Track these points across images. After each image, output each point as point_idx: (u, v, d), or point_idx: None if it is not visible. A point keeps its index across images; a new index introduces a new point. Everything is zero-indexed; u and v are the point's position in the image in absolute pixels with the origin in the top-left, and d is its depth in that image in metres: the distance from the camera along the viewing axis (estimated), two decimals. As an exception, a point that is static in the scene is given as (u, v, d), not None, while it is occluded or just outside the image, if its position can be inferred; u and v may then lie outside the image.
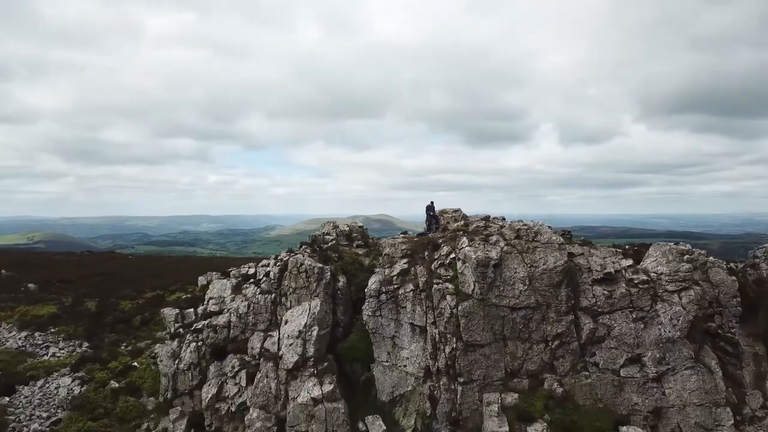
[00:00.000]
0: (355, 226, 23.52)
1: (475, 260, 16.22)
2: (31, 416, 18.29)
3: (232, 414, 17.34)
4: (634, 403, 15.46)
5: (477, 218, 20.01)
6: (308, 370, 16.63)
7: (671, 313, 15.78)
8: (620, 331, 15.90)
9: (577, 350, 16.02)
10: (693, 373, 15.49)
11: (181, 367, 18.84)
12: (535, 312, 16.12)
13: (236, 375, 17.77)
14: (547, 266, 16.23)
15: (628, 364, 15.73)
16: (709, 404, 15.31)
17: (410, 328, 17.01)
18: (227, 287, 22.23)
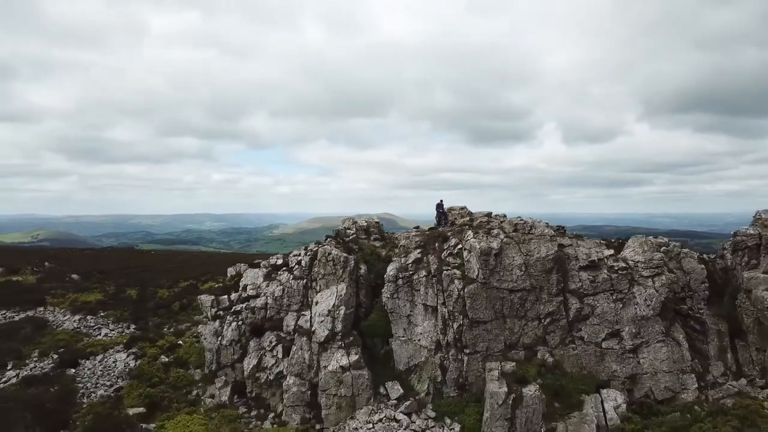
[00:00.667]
0: (372, 222, 26.33)
1: (479, 250, 18.99)
2: (96, 384, 21.16)
3: (271, 382, 20.19)
4: (614, 370, 18.21)
5: (480, 214, 22.79)
6: (337, 343, 19.47)
7: (645, 294, 18.52)
8: (602, 310, 18.65)
9: (565, 326, 18.78)
10: (663, 345, 18.22)
11: (224, 344, 21.70)
12: (530, 294, 18.89)
13: (273, 349, 20.63)
14: (540, 255, 19.00)
15: (609, 338, 18.48)
16: (676, 371, 18.04)
17: (423, 308, 19.82)
18: (259, 275, 25.13)
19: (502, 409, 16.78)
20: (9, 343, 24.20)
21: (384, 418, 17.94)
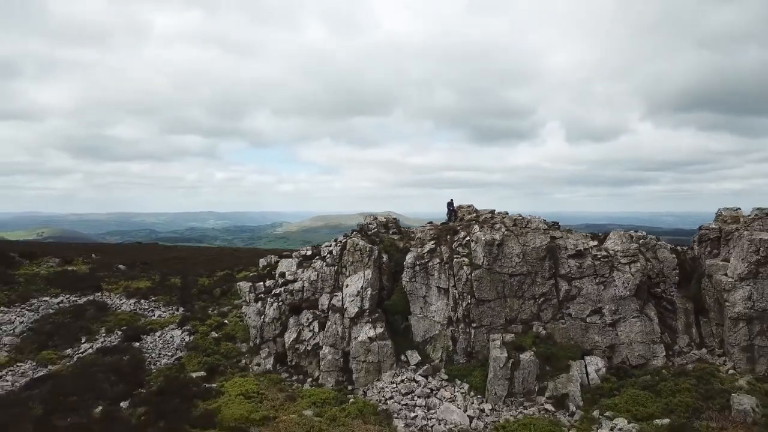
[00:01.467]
0: (390, 218, 29.99)
1: (484, 241, 22.58)
2: (159, 354, 24.88)
3: (308, 352, 23.84)
4: (596, 341, 21.76)
5: (485, 211, 26.35)
6: (365, 319, 23.10)
7: (623, 278, 22.06)
8: (587, 291, 22.21)
9: (556, 305, 22.35)
10: (638, 320, 21.76)
11: (266, 321, 25.35)
12: (526, 278, 22.47)
13: (310, 324, 24.28)
14: (535, 245, 22.57)
15: (592, 314, 22.03)
16: (648, 342, 21.57)
17: (437, 290, 23.44)
18: (293, 264, 28.83)
19: (503, 371, 20.36)
20: (79, 322, 28.03)
21: (405, 379, 21.57)
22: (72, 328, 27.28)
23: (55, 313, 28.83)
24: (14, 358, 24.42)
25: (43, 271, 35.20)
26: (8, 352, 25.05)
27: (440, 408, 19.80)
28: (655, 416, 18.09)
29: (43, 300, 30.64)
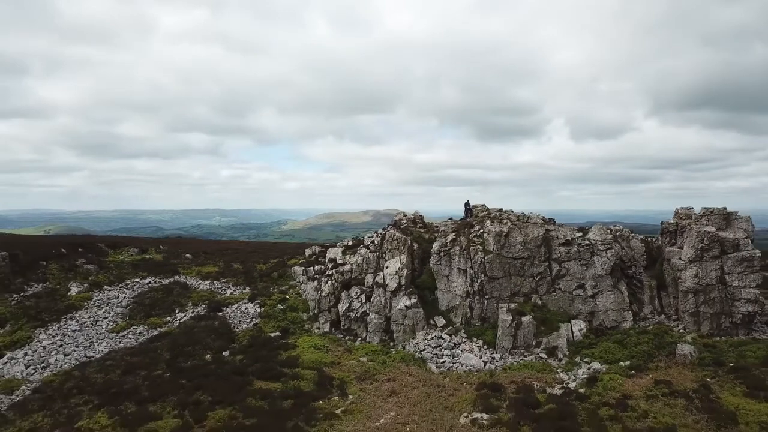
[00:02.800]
0: (417, 215, 36.50)
1: (494, 233, 29.00)
2: (240, 321, 31.47)
3: (357, 318, 30.36)
4: (580, 309, 28.11)
5: (495, 210, 32.74)
6: (402, 292, 29.60)
7: (601, 261, 28.39)
8: (573, 271, 28.56)
9: (549, 281, 28.73)
10: (612, 293, 28.07)
11: (323, 295, 31.89)
12: (526, 261, 28.86)
13: (358, 297, 30.81)
14: (534, 236, 28.96)
15: (577, 288, 28.39)
16: (620, 310, 27.88)
17: (457, 270, 29.90)
18: (338, 252, 35.47)
19: (509, 330, 26.78)
20: (170, 297, 34.70)
21: (434, 337, 28.07)
22: (166, 301, 34.00)
23: (148, 291, 35.55)
24: (129, 323, 31.18)
25: (127, 259, 41.95)
26: (123, 318, 31.81)
27: (462, 356, 26.29)
28: (620, 360, 24.46)
29: (134, 281, 37.39)
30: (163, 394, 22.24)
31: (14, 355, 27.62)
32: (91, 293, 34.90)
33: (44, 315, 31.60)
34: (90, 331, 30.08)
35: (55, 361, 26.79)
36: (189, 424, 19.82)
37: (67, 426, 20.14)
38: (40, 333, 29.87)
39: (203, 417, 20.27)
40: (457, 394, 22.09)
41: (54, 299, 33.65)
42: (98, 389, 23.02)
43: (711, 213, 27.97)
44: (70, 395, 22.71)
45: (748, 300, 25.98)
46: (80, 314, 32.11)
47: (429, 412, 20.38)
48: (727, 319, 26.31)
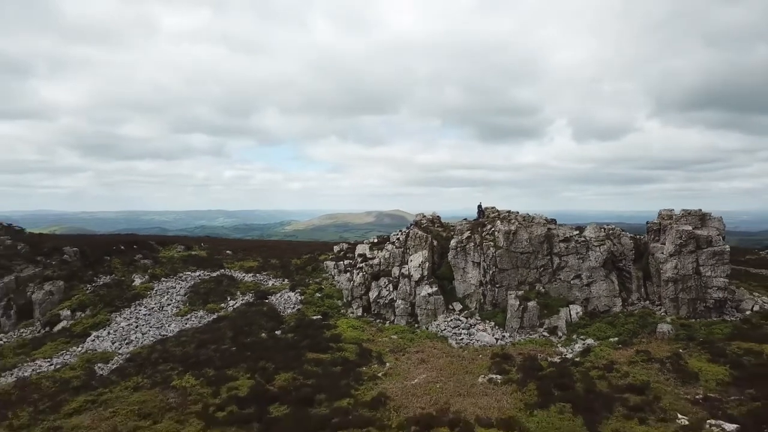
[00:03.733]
0: (435, 216, 41.21)
1: (503, 231, 33.63)
2: (285, 307, 36.19)
3: (386, 304, 35.04)
4: (577, 295, 32.68)
5: (504, 211, 37.34)
6: (424, 282, 34.28)
7: (595, 255, 32.96)
8: (571, 263, 33.15)
9: (551, 272, 33.34)
10: (604, 282, 32.63)
11: (355, 285, 36.59)
12: (531, 255, 33.47)
13: (387, 286, 35.49)
14: (537, 233, 33.58)
15: (575, 278, 32.97)
16: (610, 296, 32.44)
17: (472, 263, 34.55)
18: (366, 248, 40.23)
19: (517, 313, 31.41)
20: (220, 287, 39.50)
21: (453, 319, 32.74)
22: (218, 290, 38.81)
23: (201, 282, 40.38)
24: (190, 308, 35.99)
25: (176, 255, 46.80)
26: (183, 305, 36.64)
27: (477, 335, 30.96)
28: (610, 337, 29.03)
29: (186, 273, 42.24)
30: (233, 363, 27.04)
31: (99, 334, 32.52)
32: (151, 284, 39.76)
33: (116, 302, 36.49)
34: (158, 315, 34.94)
35: (135, 338, 31.66)
36: (261, 384, 24.59)
37: (163, 385, 24.99)
38: (116, 316, 34.76)
39: (271, 379, 25.05)
40: (475, 362, 26.78)
41: (122, 289, 38.57)
42: (179, 359, 27.85)
43: (689, 214, 32.51)
44: (157, 363, 27.56)
45: (719, 288, 30.47)
46: (146, 301, 36.97)
47: (453, 374, 25.08)
48: (701, 303, 30.80)
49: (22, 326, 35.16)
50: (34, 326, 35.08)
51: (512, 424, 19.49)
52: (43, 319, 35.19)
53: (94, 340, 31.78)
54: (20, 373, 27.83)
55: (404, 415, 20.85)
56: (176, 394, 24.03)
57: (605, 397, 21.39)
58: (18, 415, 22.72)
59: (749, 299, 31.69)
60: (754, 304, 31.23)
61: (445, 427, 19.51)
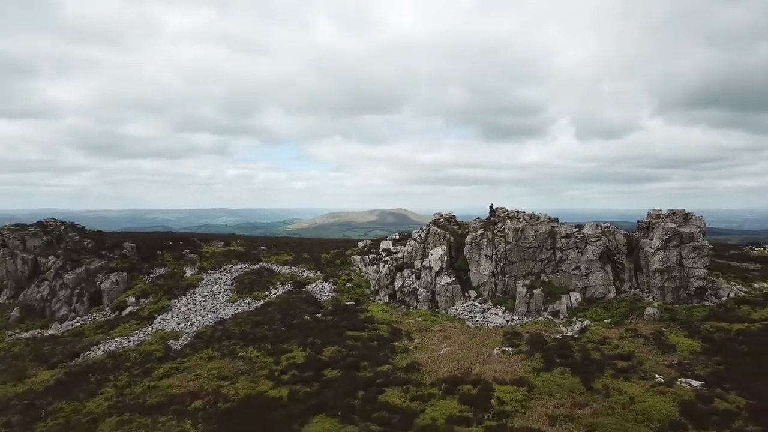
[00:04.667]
0: (451, 216, 45.88)
1: (512, 228, 38.28)
2: (320, 295, 40.92)
3: (409, 292, 39.74)
4: (576, 284, 37.26)
5: (513, 211, 41.93)
6: (444, 272, 38.97)
7: (592, 249, 37.54)
8: (572, 257, 37.74)
9: (554, 264, 37.95)
10: (600, 273, 37.20)
11: (381, 276, 41.31)
12: (537, 249, 38.10)
13: (410, 276, 40.20)
14: (542, 230, 38.20)
15: (575, 270, 37.57)
16: (606, 285, 37.01)
17: (485, 257, 39.22)
18: (389, 243, 44.99)
19: (524, 299, 36.04)
20: (262, 278, 44.34)
21: (468, 305, 37.41)
22: (260, 281, 43.64)
23: (243, 274, 45.21)
24: (239, 296, 40.82)
25: (217, 250, 51.66)
26: (232, 293, 41.48)
27: (490, 317, 35.64)
28: (604, 319, 33.59)
29: (229, 266, 47.11)
30: (286, 339, 31.85)
31: (164, 317, 37.39)
32: (200, 275, 44.67)
33: (174, 290, 41.40)
34: (212, 301, 39.80)
35: (196, 320, 36.51)
36: (313, 354, 29.39)
37: (231, 356, 29.82)
38: (176, 302, 39.65)
39: (320, 351, 29.83)
40: (489, 338, 31.48)
41: (176, 279, 43.49)
42: (239, 336, 32.68)
43: (674, 213, 37.06)
44: (221, 339, 32.41)
45: (699, 277, 34.98)
46: (199, 290, 41.86)
47: (472, 347, 29.79)
48: (684, 291, 35.32)
49: (93, 311, 40.08)
50: (104, 311, 40.01)
51: (522, 382, 24.19)
52: (112, 305, 40.11)
53: (161, 321, 36.65)
54: (106, 347, 32.75)
55: (435, 377, 25.58)
56: (244, 362, 28.88)
57: (598, 362, 26.04)
58: (118, 378, 27.62)
59: (726, 287, 36.18)
60: (730, 291, 35.71)
61: (469, 385, 24.22)
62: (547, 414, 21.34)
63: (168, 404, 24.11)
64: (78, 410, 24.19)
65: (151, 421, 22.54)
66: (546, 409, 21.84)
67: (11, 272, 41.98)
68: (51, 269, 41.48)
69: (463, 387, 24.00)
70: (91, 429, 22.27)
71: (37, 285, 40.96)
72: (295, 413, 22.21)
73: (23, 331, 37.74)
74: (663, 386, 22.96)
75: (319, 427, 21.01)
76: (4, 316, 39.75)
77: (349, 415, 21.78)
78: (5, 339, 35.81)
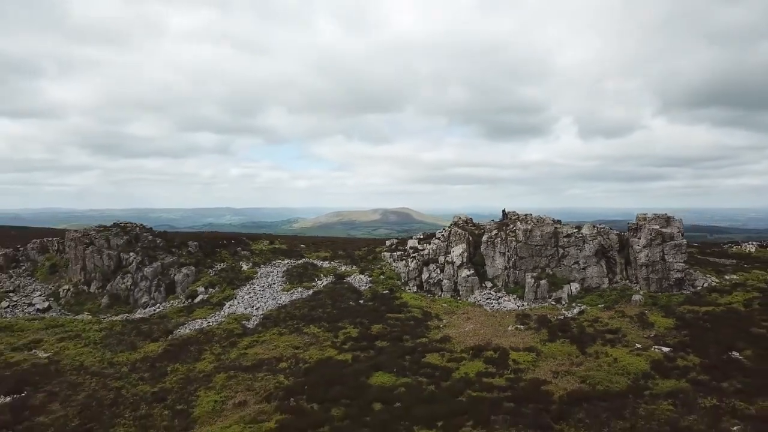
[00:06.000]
0: (468, 218, 52.61)
1: (522, 229, 44.95)
2: (359, 285, 47.72)
3: (435, 283, 46.48)
4: (576, 276, 43.84)
5: (522, 214, 48.59)
6: (464, 266, 45.70)
7: (589, 246, 44.11)
8: (572, 253, 44.34)
9: (557, 259, 44.57)
10: (596, 267, 43.75)
11: (410, 269, 48.08)
12: (543, 246, 44.74)
13: (435, 270, 46.96)
14: (547, 231, 44.83)
15: (574, 264, 44.17)
16: (600, 277, 43.57)
17: (499, 253, 45.92)
18: (415, 242, 51.82)
19: (532, 288, 42.71)
20: (307, 271, 51.23)
21: (485, 293, 44.11)
22: (306, 274, 50.51)
23: (291, 268, 52.12)
24: (292, 286, 47.72)
25: (264, 248, 58.64)
26: (285, 283, 48.39)
27: (503, 303, 42.34)
28: (598, 304, 40.19)
29: (277, 261, 54.05)
30: (338, 319, 38.69)
31: (231, 303, 44.34)
32: (255, 269, 51.64)
33: (235, 281, 48.40)
34: (269, 290, 46.74)
35: (260, 305, 43.44)
36: (363, 330, 36.21)
37: (297, 332, 36.70)
38: (239, 291, 46.62)
39: (369, 328, 36.64)
40: (504, 319, 38.19)
41: (235, 272, 50.49)
42: (299, 318, 39.57)
43: (658, 217, 43.60)
44: (285, 320, 39.30)
45: (678, 270, 41.47)
46: (257, 281, 48.84)
47: (490, 325, 36.52)
48: (665, 281, 41.83)
49: (170, 299, 47.13)
50: (179, 298, 47.05)
51: (532, 349, 30.91)
52: (185, 293, 47.16)
53: (229, 307, 43.61)
54: (191, 327, 39.73)
55: (463, 346, 32.35)
56: (309, 337, 35.78)
57: (591, 335, 32.72)
58: (212, 348, 34.58)
59: (702, 279, 42.68)
60: (704, 282, 42.21)
61: (490, 351, 30.98)
62: (551, 370, 28.06)
63: (260, 365, 31.03)
64: (191, 370, 31.16)
65: (252, 376, 29.47)
66: (550, 367, 28.56)
67: (99, 266, 49.11)
68: (133, 264, 48.59)
69: (486, 353, 30.77)
70: (207, 381, 29.21)
71: (121, 277, 48.09)
72: (360, 370, 29.05)
73: (113, 315, 44.85)
74: (640, 351, 29.64)
75: (381, 379, 27.84)
76: (96, 302, 46.90)
77: (402, 371, 28.61)
78: (103, 321, 42.90)
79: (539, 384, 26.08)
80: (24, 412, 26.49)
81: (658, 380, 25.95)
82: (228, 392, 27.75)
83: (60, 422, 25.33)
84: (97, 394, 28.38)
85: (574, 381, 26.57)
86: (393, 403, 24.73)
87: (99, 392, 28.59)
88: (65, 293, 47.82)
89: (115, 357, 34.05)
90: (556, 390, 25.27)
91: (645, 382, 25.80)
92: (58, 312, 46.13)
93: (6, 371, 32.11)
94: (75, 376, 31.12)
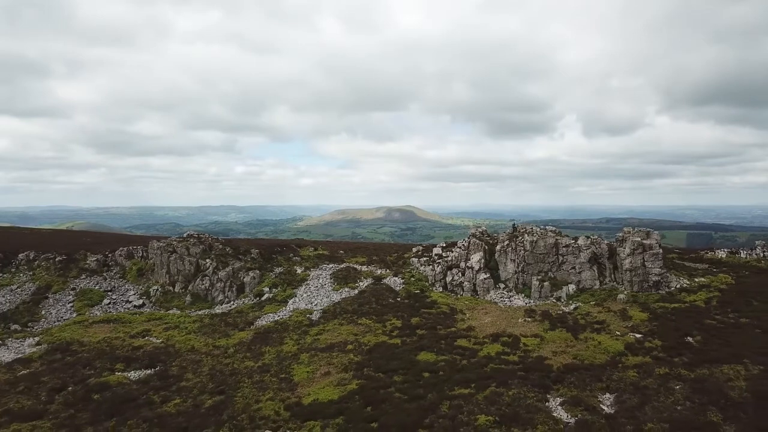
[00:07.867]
0: (485, 229, 61.73)
1: (529, 240, 53.97)
2: (394, 286, 56.86)
3: (457, 284, 55.57)
4: (573, 279, 52.74)
5: (530, 227, 57.60)
6: (482, 271, 54.76)
7: (584, 254, 52.97)
8: (570, 260, 53.24)
9: (558, 265, 53.50)
10: (589, 271, 52.60)
11: (436, 273, 57.20)
12: (546, 254, 53.71)
13: (457, 273, 56.08)
14: (549, 242, 53.79)
15: (571, 269, 53.07)
16: (593, 279, 52.41)
17: (510, 260, 54.95)
18: (439, 249, 61.07)
19: (538, 288, 51.70)
20: (350, 274, 60.50)
21: (499, 293, 53.17)
22: (350, 276, 59.68)
23: (337, 271, 61.38)
24: (340, 286, 57.00)
25: (311, 254, 68.02)
26: (333, 284, 57.72)
27: (514, 301, 51.39)
28: (590, 302, 49.13)
29: (324, 265, 63.38)
30: (383, 313, 47.93)
31: (294, 300, 53.72)
32: (307, 272, 61.06)
33: (293, 283, 57.82)
34: (323, 290, 56.09)
35: (318, 302, 52.78)
36: (405, 322, 45.44)
37: (353, 323, 46.00)
38: (297, 291, 56.02)
39: (409, 320, 45.86)
40: (515, 313, 47.27)
41: (291, 275, 59.94)
42: (351, 312, 48.85)
43: (639, 231, 52.46)
44: (341, 314, 48.62)
45: (656, 274, 50.27)
46: (311, 282, 58.21)
47: (504, 318, 45.63)
48: (645, 283, 50.62)
49: (241, 297, 56.65)
50: (248, 297, 56.52)
51: (537, 336, 39.99)
52: (253, 293, 56.65)
53: (293, 303, 53.01)
54: (267, 319, 49.12)
55: (484, 333, 41.48)
56: (363, 327, 45.07)
57: (582, 325, 41.74)
58: (290, 336, 43.97)
59: (675, 281, 51.49)
60: (677, 283, 51.03)
61: (506, 337, 40.09)
62: (552, 351, 37.11)
63: (332, 347, 40.35)
64: (279, 351, 40.53)
65: (329, 355, 38.79)
66: (551, 348, 37.61)
67: (181, 270, 58.74)
68: (209, 268, 58.19)
69: (502, 338, 39.89)
70: (296, 359, 38.56)
71: (200, 279, 57.69)
72: (408, 350, 38.29)
73: (197, 310, 54.41)
74: (618, 336, 38.63)
75: (425, 356, 37.04)
76: (181, 300, 56.52)
77: (440, 351, 37.81)
78: (191, 315, 52.45)
79: (542, 359, 35.16)
80: (169, 379, 35.97)
81: (629, 357, 34.91)
82: (314, 366, 37.07)
83: (199, 385, 34.77)
84: (216, 367, 37.82)
85: (568, 357, 35.60)
86: (437, 372, 33.91)
87: (217, 366, 38.04)
88: (155, 292, 57.47)
89: (216, 342, 43.49)
90: (555, 363, 34.33)
91: (620, 358, 34.80)
92: (150, 308, 55.73)
93: (136, 352, 41.69)
94: (192, 355, 40.62)
